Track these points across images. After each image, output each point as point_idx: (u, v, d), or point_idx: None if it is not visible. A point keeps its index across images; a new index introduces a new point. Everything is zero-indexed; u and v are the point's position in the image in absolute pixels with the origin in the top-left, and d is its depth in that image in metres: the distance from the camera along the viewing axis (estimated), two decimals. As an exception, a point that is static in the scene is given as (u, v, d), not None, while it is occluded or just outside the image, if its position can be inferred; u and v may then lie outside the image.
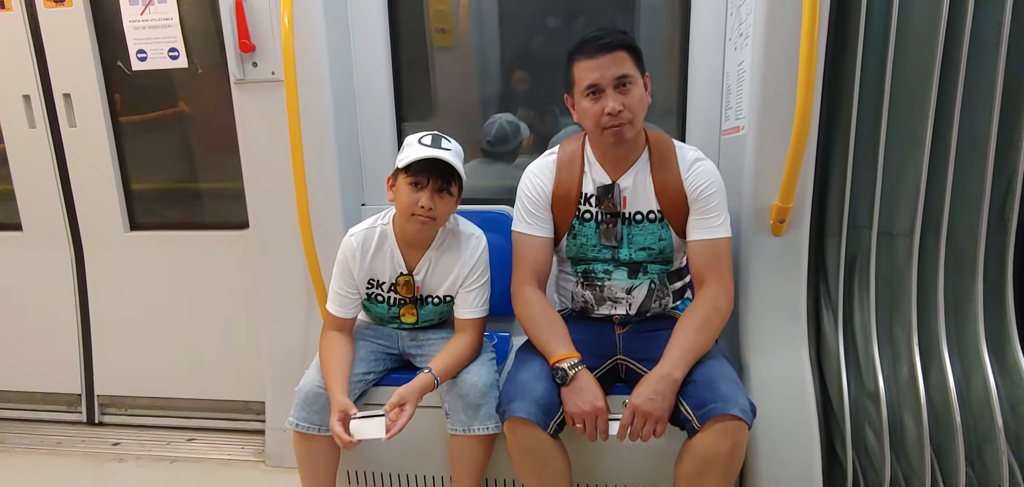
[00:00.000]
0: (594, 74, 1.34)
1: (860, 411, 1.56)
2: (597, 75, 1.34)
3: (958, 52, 1.38)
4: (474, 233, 1.59)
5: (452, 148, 1.46)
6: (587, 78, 1.35)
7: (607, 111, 1.34)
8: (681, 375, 1.32)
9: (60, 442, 2.28)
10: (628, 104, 1.34)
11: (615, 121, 1.34)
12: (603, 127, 1.36)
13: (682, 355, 1.34)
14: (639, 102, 1.37)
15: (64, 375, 2.39)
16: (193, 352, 2.30)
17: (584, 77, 1.36)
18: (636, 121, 1.37)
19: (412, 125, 2.09)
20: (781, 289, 1.57)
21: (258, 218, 1.94)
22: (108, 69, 2.11)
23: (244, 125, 1.86)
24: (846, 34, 1.45)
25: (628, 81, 1.35)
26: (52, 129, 2.17)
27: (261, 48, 1.77)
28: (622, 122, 1.35)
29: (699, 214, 1.43)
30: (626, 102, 1.34)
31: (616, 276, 1.51)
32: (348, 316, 1.58)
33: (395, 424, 1.38)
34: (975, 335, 1.50)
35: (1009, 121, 1.42)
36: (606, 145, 1.42)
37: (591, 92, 1.36)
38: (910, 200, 1.48)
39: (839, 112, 1.49)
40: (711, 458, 1.28)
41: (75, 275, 2.31)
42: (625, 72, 1.34)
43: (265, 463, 2.09)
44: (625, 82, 1.34)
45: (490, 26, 2.07)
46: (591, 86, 1.35)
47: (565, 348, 1.39)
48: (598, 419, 1.31)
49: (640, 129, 1.44)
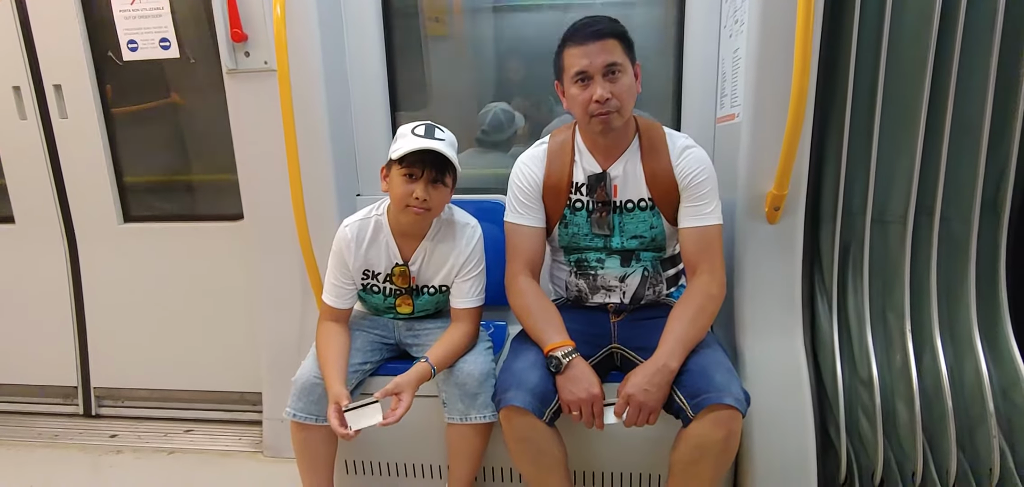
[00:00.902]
0: (583, 61, 1.34)
1: (854, 397, 1.57)
2: (586, 62, 1.33)
3: (952, 39, 1.39)
4: (469, 223, 1.59)
5: (446, 138, 1.46)
6: (576, 65, 1.35)
7: (595, 98, 1.34)
8: (677, 365, 1.33)
9: (57, 435, 2.28)
10: (616, 92, 1.34)
11: (602, 109, 1.34)
12: (591, 115, 1.37)
13: (677, 345, 1.34)
14: (628, 91, 1.36)
15: (60, 368, 2.38)
16: (189, 344, 2.29)
17: (573, 64, 1.36)
18: (624, 110, 1.37)
19: (406, 114, 2.08)
20: (776, 276, 1.58)
21: (252, 209, 1.93)
22: (99, 60, 2.09)
23: (237, 115, 1.85)
24: (841, 21, 1.44)
25: (617, 69, 1.34)
26: (43, 120, 2.15)
27: (253, 37, 1.76)
28: (610, 111, 1.35)
29: (690, 201, 1.43)
30: (614, 90, 1.34)
31: (609, 264, 1.51)
32: (344, 307, 1.58)
33: (393, 413, 1.38)
34: (967, 321, 1.51)
35: (1002, 108, 1.42)
36: (595, 133, 1.42)
37: (580, 79, 1.36)
38: (904, 187, 1.49)
39: (834, 99, 1.49)
40: (705, 447, 1.29)
41: (69, 267, 2.30)
42: (614, 60, 1.33)
43: (263, 454, 2.10)
44: (614, 70, 1.34)
45: (484, 15, 2.06)
46: (580, 73, 1.35)
47: (559, 337, 1.39)
48: (593, 406, 1.32)
49: (629, 117, 1.44)
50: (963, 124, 1.44)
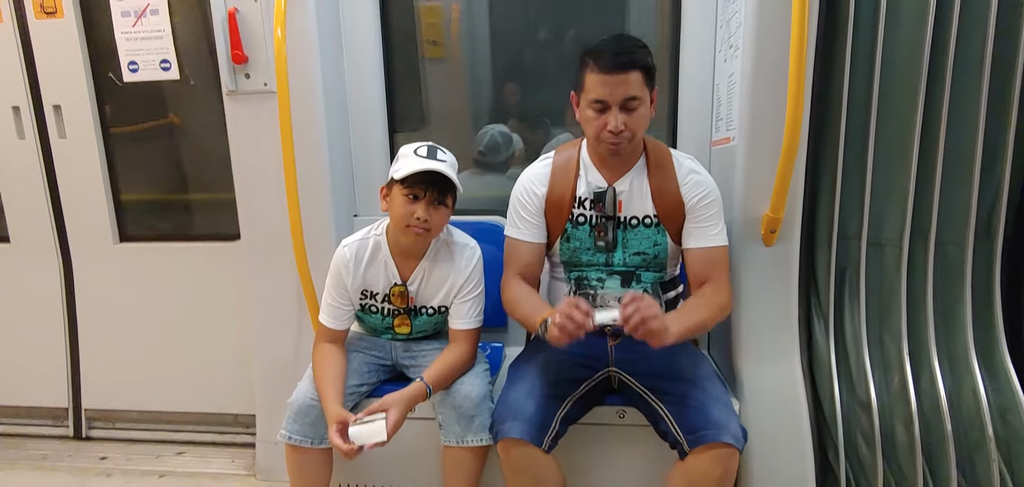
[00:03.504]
0: (603, 90, 1.33)
1: (852, 420, 1.57)
2: (606, 93, 1.33)
3: (944, 64, 1.41)
4: (468, 243, 1.60)
5: (447, 159, 1.47)
6: (595, 92, 1.34)
7: (609, 128, 1.34)
8: (676, 330, 1.25)
9: (46, 457, 2.24)
10: (630, 124, 1.35)
11: (614, 139, 1.36)
12: (601, 140, 1.38)
13: (678, 314, 1.37)
14: (642, 120, 1.37)
15: (50, 389, 2.35)
16: (183, 365, 2.27)
17: (593, 90, 1.35)
18: (636, 138, 1.39)
19: (404, 136, 2.09)
20: (773, 299, 1.58)
21: (249, 229, 1.93)
22: (99, 80, 2.10)
23: (236, 136, 1.85)
24: (834, 47, 1.47)
25: (635, 103, 1.34)
26: (42, 140, 2.15)
27: (254, 59, 1.77)
28: (621, 140, 1.36)
29: (696, 223, 1.45)
30: (628, 122, 1.34)
31: (609, 284, 1.51)
32: (341, 328, 1.57)
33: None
34: (964, 344, 1.51)
35: (995, 133, 1.44)
36: (603, 154, 1.44)
37: (598, 105, 1.36)
38: (898, 211, 1.50)
39: (828, 124, 1.51)
40: (701, 483, 1.29)
41: (63, 287, 2.28)
42: (634, 94, 1.33)
43: (256, 477, 2.06)
44: (632, 104, 1.34)
45: (481, 38, 2.08)
46: (598, 101, 1.35)
47: (547, 311, 1.36)
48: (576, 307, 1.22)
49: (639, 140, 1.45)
50: (956, 149, 1.45)
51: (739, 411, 1.55)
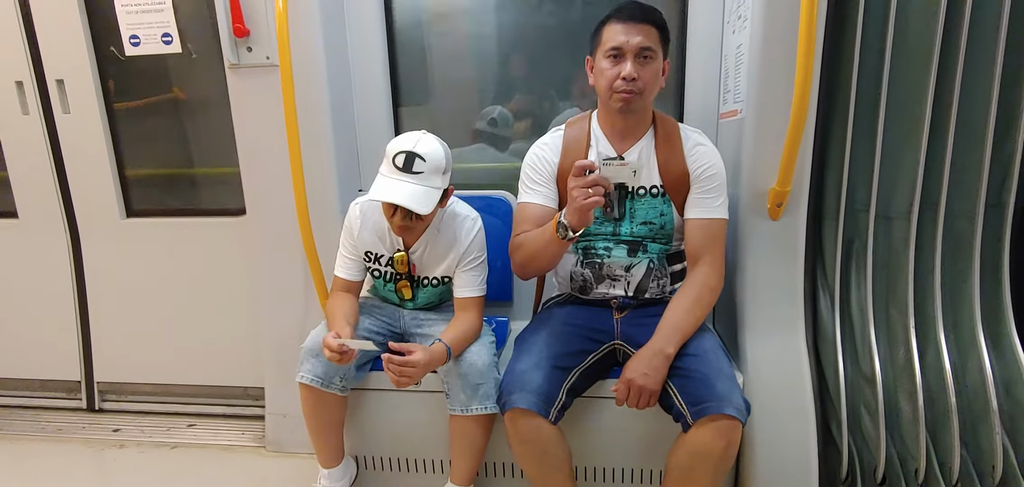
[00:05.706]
0: (620, 37, 1.38)
1: (856, 394, 1.57)
2: (623, 39, 1.38)
3: (958, 35, 1.38)
4: (469, 215, 1.61)
5: (424, 169, 1.41)
6: (613, 40, 1.39)
7: (623, 75, 1.37)
8: (673, 350, 1.37)
9: (60, 428, 2.29)
10: (643, 75, 1.38)
11: (627, 88, 1.38)
12: (614, 91, 1.40)
13: (674, 332, 1.39)
14: (654, 77, 1.41)
15: (63, 362, 2.39)
16: (192, 338, 2.30)
17: (610, 38, 1.40)
18: (646, 95, 1.41)
19: (408, 109, 2.08)
20: (778, 272, 1.57)
21: (254, 204, 1.93)
22: (101, 55, 2.09)
23: (239, 110, 1.84)
24: (844, 17, 1.44)
25: (649, 54, 1.39)
26: (46, 115, 2.15)
27: (256, 32, 1.75)
28: (633, 91, 1.38)
29: (699, 193, 1.46)
30: (642, 73, 1.38)
31: (616, 253, 1.52)
32: (354, 279, 1.63)
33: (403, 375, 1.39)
34: (971, 317, 1.50)
35: (1008, 105, 1.41)
36: (614, 111, 1.45)
37: (613, 54, 1.39)
38: (908, 183, 1.48)
39: (837, 95, 1.49)
40: (704, 455, 1.30)
41: (72, 262, 2.30)
42: (649, 45, 1.38)
43: (265, 448, 2.10)
44: (647, 55, 1.39)
45: (487, 11, 2.05)
46: (615, 48, 1.39)
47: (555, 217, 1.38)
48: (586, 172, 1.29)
49: (648, 105, 1.47)
50: (967, 120, 1.43)
51: (743, 384, 1.56)
